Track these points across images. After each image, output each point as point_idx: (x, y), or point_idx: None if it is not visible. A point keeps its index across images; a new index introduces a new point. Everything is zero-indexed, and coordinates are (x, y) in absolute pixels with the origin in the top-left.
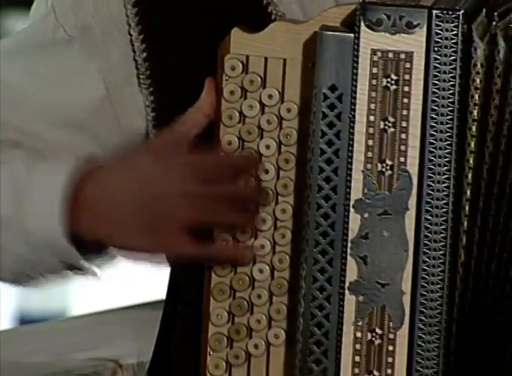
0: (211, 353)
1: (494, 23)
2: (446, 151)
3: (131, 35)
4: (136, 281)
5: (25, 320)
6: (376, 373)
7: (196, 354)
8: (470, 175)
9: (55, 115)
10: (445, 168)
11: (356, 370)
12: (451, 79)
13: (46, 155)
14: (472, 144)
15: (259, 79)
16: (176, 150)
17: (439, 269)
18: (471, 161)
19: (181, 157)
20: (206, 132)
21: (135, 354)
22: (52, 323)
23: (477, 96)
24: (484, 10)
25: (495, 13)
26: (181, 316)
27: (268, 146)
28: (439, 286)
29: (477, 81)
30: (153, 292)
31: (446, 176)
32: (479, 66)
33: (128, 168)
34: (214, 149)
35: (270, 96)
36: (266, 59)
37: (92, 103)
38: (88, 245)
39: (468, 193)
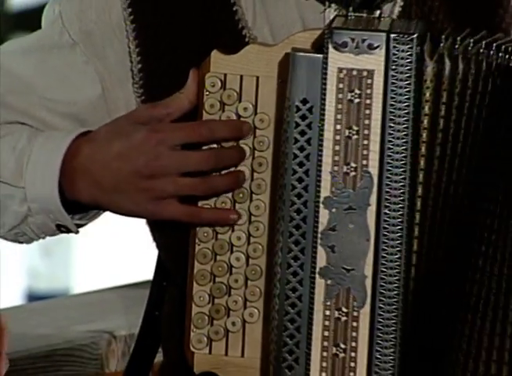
0: (194, 330)
1: (441, 44)
2: (402, 155)
3: (129, 48)
4: (127, 264)
5: (33, 298)
6: (342, 346)
7: (181, 325)
8: (421, 176)
9: (57, 106)
10: (401, 169)
11: (325, 343)
12: (406, 93)
13: None
14: (423, 149)
15: (235, 94)
16: (161, 124)
17: (396, 256)
18: (422, 164)
19: (165, 130)
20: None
21: (127, 327)
22: (55, 300)
23: (427, 108)
24: (430, 34)
25: (442, 36)
26: (167, 291)
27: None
28: (396, 270)
29: (427, 94)
30: (141, 274)
31: (402, 176)
32: (429, 81)
33: (120, 136)
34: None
35: (245, 109)
36: (241, 76)
37: (89, 100)
38: (80, 205)
39: (420, 191)
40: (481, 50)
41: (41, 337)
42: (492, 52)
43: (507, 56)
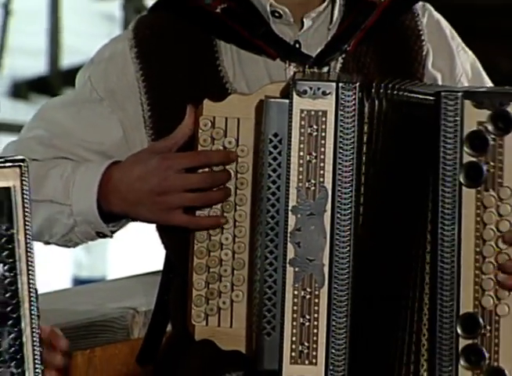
0: (194, 308)
1: (373, 90)
2: (349, 174)
3: (141, 100)
4: (147, 258)
5: (77, 283)
6: (307, 317)
7: (184, 305)
8: (362, 189)
9: (91, 146)
10: (349, 184)
11: (295, 315)
12: (351, 127)
13: None
14: (363, 168)
15: (222, 131)
16: (169, 154)
17: (346, 249)
18: (363, 180)
19: (173, 158)
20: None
21: (146, 304)
22: (94, 284)
23: (365, 138)
24: (366, 83)
25: (373, 84)
26: (173, 281)
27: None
28: (347, 260)
29: (365, 128)
30: (156, 265)
31: (349, 189)
32: (366, 118)
33: (140, 164)
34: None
35: (230, 142)
36: (226, 118)
37: (114, 141)
38: (113, 216)
39: (362, 200)
40: (397, 92)
41: (82, 312)
42: (403, 93)
43: (412, 95)
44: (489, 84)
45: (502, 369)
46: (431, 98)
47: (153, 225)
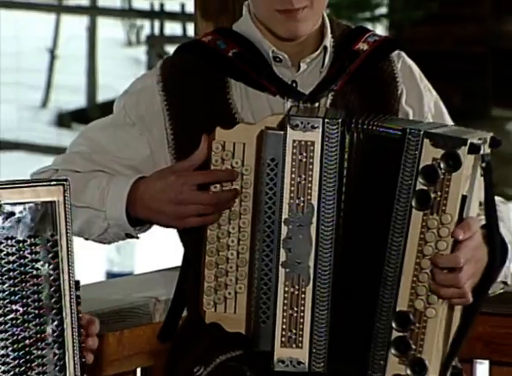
0: (205, 297)
1: (352, 125)
2: (332, 193)
3: (165, 125)
4: (167, 255)
5: (109, 276)
6: (295, 309)
7: (197, 294)
8: (342, 206)
9: (123, 161)
10: (331, 201)
11: (285, 307)
12: (334, 156)
13: None
14: (343, 189)
15: (230, 153)
16: (185, 172)
17: (328, 254)
18: (343, 199)
19: (187, 176)
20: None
21: (166, 294)
22: (123, 278)
23: (345, 164)
24: (348, 118)
25: (353, 119)
26: (189, 273)
27: (235, 189)
28: (328, 263)
29: (346, 156)
30: (175, 262)
31: (332, 206)
32: (347, 148)
33: (161, 179)
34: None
35: (236, 162)
36: (234, 143)
37: (143, 158)
38: (139, 221)
39: (341, 214)
40: (371, 127)
41: (113, 301)
42: (376, 128)
43: (383, 129)
44: (448, 118)
45: (424, 359)
46: (399, 133)
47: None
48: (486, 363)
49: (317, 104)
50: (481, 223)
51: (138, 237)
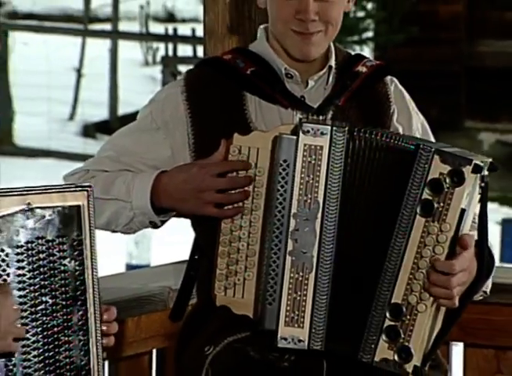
0: (217, 283)
1: (355, 133)
2: (336, 191)
3: (187, 130)
4: (177, 251)
5: (129, 268)
6: (299, 293)
7: (209, 280)
8: (345, 204)
9: (147, 161)
10: (335, 199)
11: (290, 291)
12: (339, 159)
13: None
14: (346, 188)
15: (245, 156)
16: (205, 163)
17: (330, 246)
18: (346, 197)
19: (208, 166)
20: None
21: (178, 284)
22: (141, 269)
23: (348, 167)
24: (351, 128)
25: (355, 129)
26: (201, 261)
27: (249, 176)
28: (330, 253)
29: (349, 161)
30: (184, 256)
31: (335, 202)
32: (350, 153)
33: (184, 171)
34: None
35: (250, 165)
36: (249, 147)
37: (165, 158)
38: (162, 210)
39: (344, 211)
40: (374, 137)
41: (132, 289)
42: (376, 138)
43: (383, 139)
44: (432, 138)
45: (410, 347)
46: (412, 147)
47: (188, 226)
48: (461, 345)
49: (322, 117)
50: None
51: (160, 225)
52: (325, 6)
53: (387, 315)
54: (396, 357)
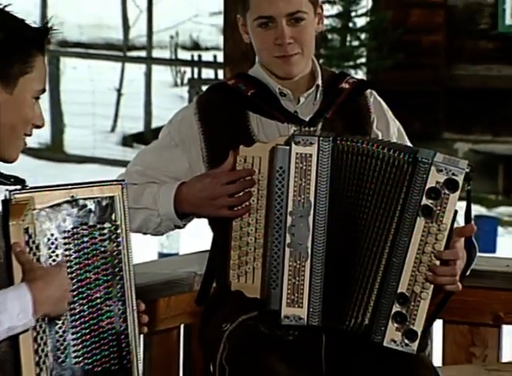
0: (231, 271)
1: (338, 142)
2: (324, 192)
3: (201, 146)
4: (202, 241)
5: (161, 256)
6: (297, 278)
7: (224, 270)
8: (333, 202)
9: (169, 174)
10: (324, 198)
11: (290, 277)
12: (326, 165)
13: None
14: (333, 189)
15: (250, 164)
16: (216, 174)
17: (322, 238)
18: (333, 196)
19: (219, 177)
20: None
21: (202, 270)
22: (171, 258)
23: (335, 171)
24: (336, 137)
25: (338, 138)
26: (218, 254)
27: (252, 180)
28: (322, 244)
29: (334, 165)
30: (207, 246)
31: (324, 201)
32: (335, 159)
33: (199, 182)
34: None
35: (254, 172)
36: (253, 157)
37: (183, 171)
38: (185, 215)
39: (332, 208)
40: (352, 143)
41: (163, 274)
42: (357, 144)
43: (363, 145)
44: (407, 140)
45: (416, 330)
46: (410, 159)
47: (206, 223)
48: (440, 321)
49: (313, 128)
50: None
51: (183, 227)
52: (297, 30)
53: (395, 302)
54: (404, 338)
